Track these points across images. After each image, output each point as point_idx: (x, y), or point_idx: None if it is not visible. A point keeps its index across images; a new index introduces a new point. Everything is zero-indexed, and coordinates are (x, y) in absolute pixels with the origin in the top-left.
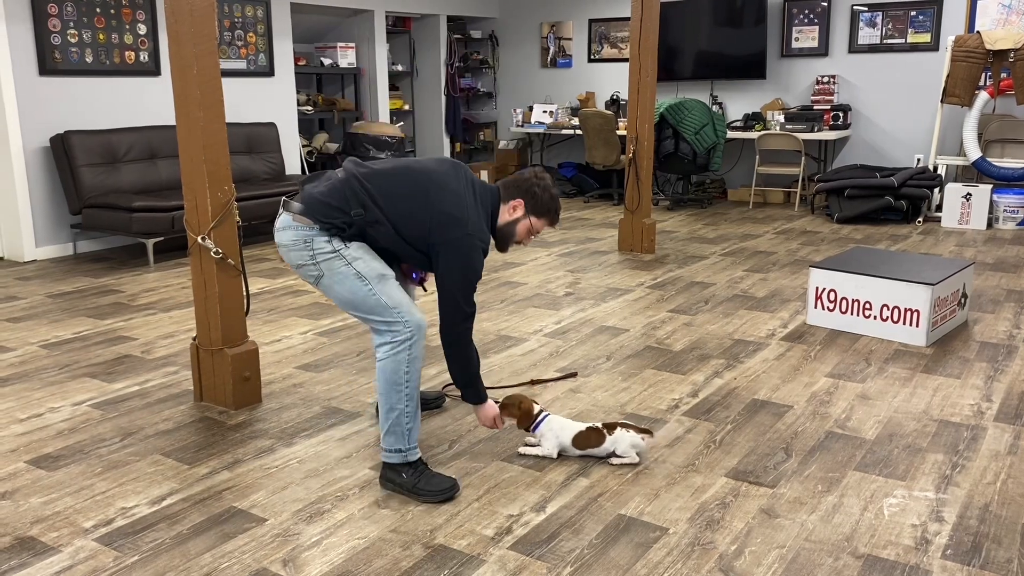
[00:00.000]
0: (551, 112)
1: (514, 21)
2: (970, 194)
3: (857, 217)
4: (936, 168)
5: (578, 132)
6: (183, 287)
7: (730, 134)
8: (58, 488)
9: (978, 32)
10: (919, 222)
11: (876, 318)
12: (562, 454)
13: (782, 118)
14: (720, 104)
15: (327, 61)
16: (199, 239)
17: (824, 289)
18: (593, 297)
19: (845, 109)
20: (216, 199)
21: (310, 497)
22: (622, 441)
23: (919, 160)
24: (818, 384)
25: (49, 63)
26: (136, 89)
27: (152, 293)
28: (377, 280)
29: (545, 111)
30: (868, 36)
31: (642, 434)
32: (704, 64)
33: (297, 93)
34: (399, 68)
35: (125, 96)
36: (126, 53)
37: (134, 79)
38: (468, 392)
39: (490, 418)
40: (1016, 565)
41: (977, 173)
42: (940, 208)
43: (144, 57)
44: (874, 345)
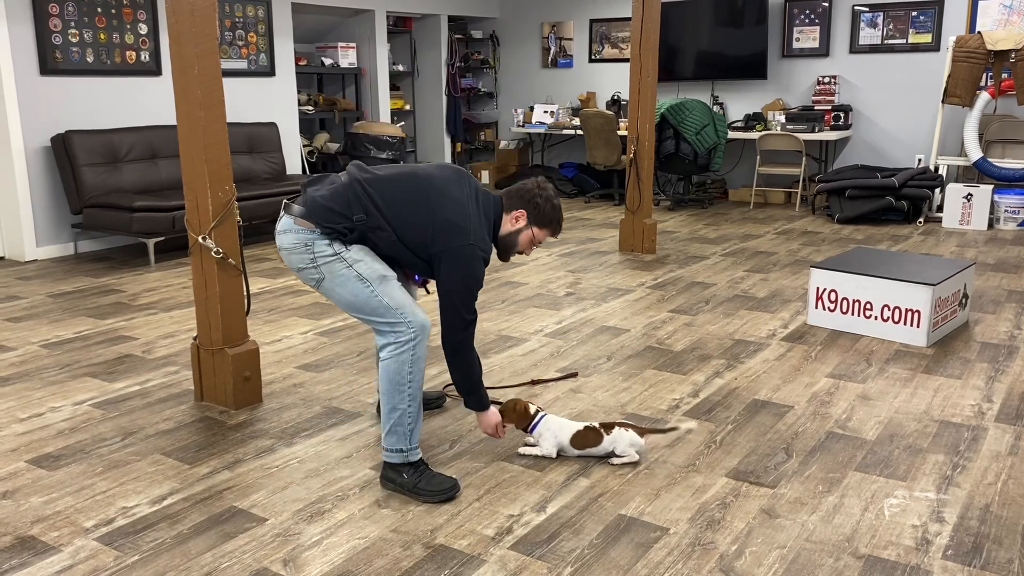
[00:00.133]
0: (552, 112)
1: (515, 21)
2: (971, 194)
3: (858, 217)
4: (937, 168)
5: (579, 132)
6: (184, 287)
7: (731, 134)
8: (59, 488)
9: (979, 32)
10: (920, 222)
11: (877, 318)
12: (561, 454)
13: (783, 118)
14: (721, 104)
15: (328, 61)
16: (200, 239)
17: (825, 289)
18: (594, 297)
19: (846, 109)
20: (217, 199)
21: (310, 497)
22: (621, 440)
23: (920, 160)
24: (819, 384)
25: (50, 63)
26: (137, 89)
27: (153, 293)
28: (379, 281)
29: (546, 111)
30: (869, 36)
31: (653, 434)
32: (705, 64)
33: (298, 93)
34: (400, 68)
35: (126, 96)
36: (127, 53)
37: (135, 79)
38: (471, 399)
39: (492, 425)
40: (1017, 566)
41: (978, 173)
42: (941, 208)
43: (145, 57)
44: (875, 345)
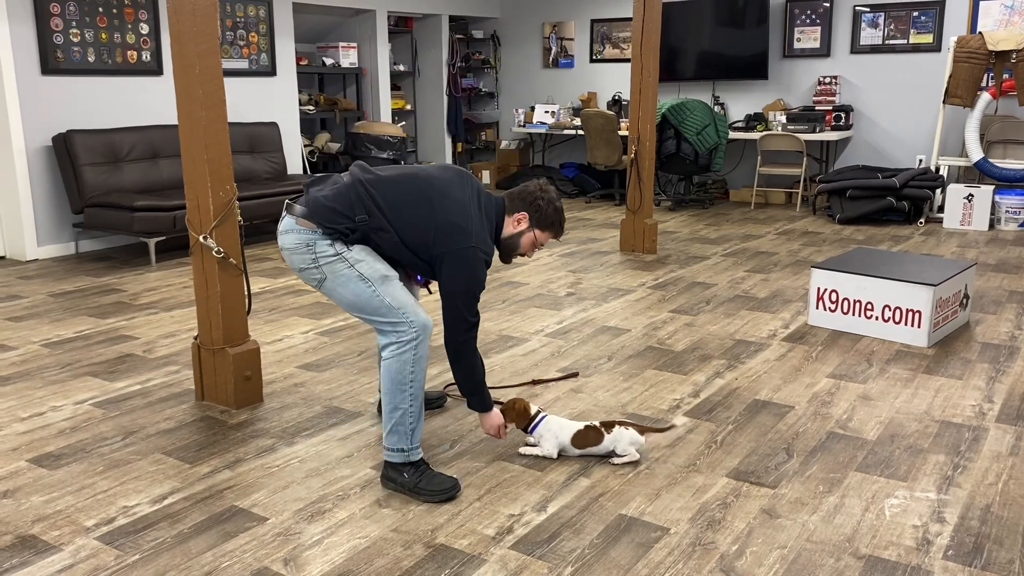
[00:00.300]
0: (553, 112)
1: (516, 21)
2: (972, 195)
3: (859, 218)
4: (938, 169)
5: (580, 132)
6: (185, 286)
7: (732, 135)
8: (59, 487)
9: (980, 33)
10: (921, 223)
11: (878, 319)
12: (562, 454)
13: (784, 119)
14: (722, 104)
15: (329, 61)
16: (201, 238)
17: (826, 290)
18: (594, 297)
19: (847, 110)
20: (218, 198)
21: (311, 496)
22: (621, 439)
23: (921, 161)
24: (819, 385)
25: (51, 62)
26: (138, 88)
27: (154, 292)
28: (380, 281)
29: (547, 111)
30: (870, 37)
31: (652, 432)
32: (706, 64)
33: (299, 93)
34: (401, 68)
35: (127, 95)
36: (128, 52)
37: (136, 78)
38: (473, 400)
39: (495, 427)
40: (1018, 566)
41: (979, 174)
42: (942, 209)
43: (146, 56)
44: (876, 346)
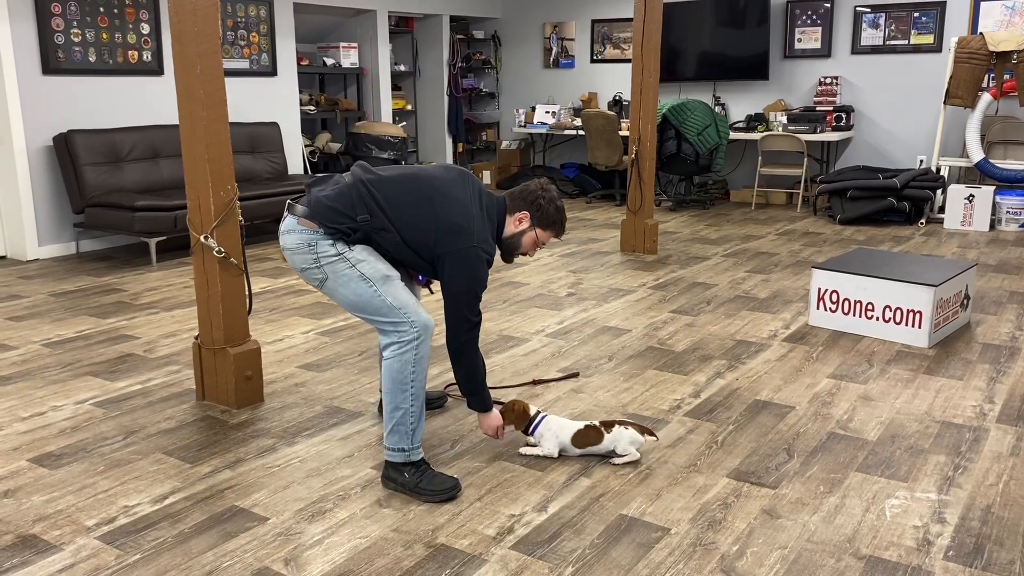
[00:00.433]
0: (553, 113)
1: (517, 21)
2: (973, 196)
3: (859, 218)
4: (939, 170)
5: (580, 133)
6: (185, 286)
7: (732, 135)
8: (60, 486)
9: (981, 34)
10: (922, 223)
11: (878, 319)
12: (563, 454)
13: (785, 119)
14: (723, 105)
15: (330, 61)
16: (202, 238)
17: (826, 290)
18: (595, 297)
19: (848, 110)
20: (219, 198)
21: (312, 496)
22: (621, 439)
23: (922, 161)
24: (820, 385)
25: (52, 62)
26: (139, 88)
27: (154, 292)
28: (382, 281)
29: (547, 111)
30: (871, 37)
31: (645, 434)
32: (707, 65)
33: (300, 93)
34: (402, 68)
35: (128, 95)
36: (129, 52)
37: (137, 78)
38: (474, 400)
39: (493, 427)
40: (1018, 567)
41: (980, 175)
42: (943, 210)
43: (147, 56)
44: (876, 346)
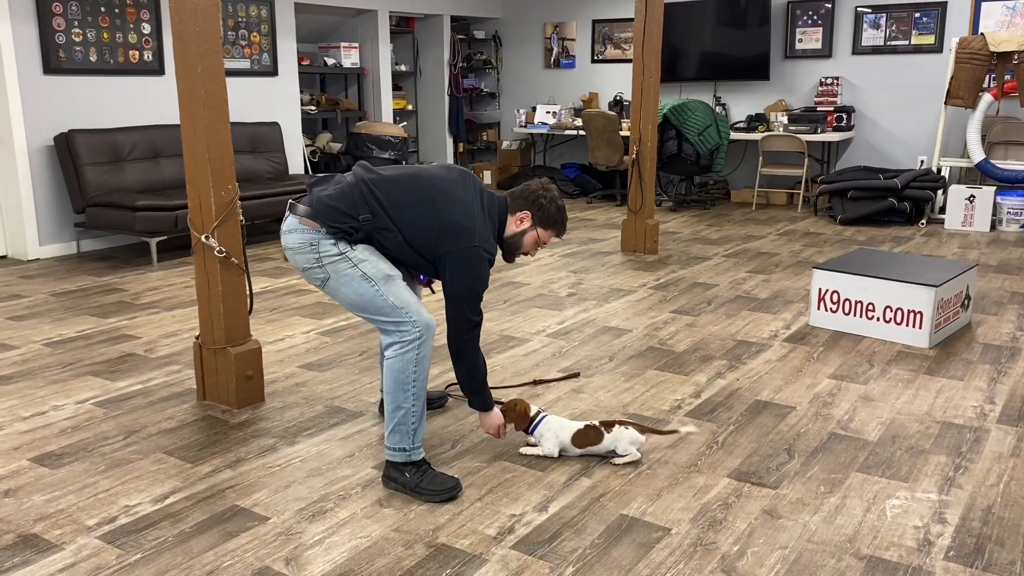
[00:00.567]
0: (554, 113)
1: (518, 21)
2: (973, 196)
3: (860, 219)
4: (939, 170)
5: (581, 133)
6: (186, 286)
7: (733, 135)
8: (61, 486)
9: (982, 34)
10: (922, 224)
11: (879, 320)
12: (563, 453)
13: (785, 119)
14: (723, 105)
15: (331, 61)
16: (203, 238)
17: (827, 290)
18: (596, 298)
19: (848, 111)
20: (220, 198)
21: (312, 496)
22: (622, 439)
23: (922, 162)
24: (821, 385)
25: (53, 62)
26: (140, 88)
27: (155, 292)
28: (384, 281)
29: (548, 112)
30: (872, 38)
31: (653, 434)
32: (708, 65)
33: (301, 93)
34: (402, 68)
35: (129, 95)
36: (130, 52)
37: (138, 78)
38: (475, 399)
39: (494, 426)
40: (1019, 567)
41: (981, 175)
42: (943, 210)
43: (148, 56)
44: (877, 347)
